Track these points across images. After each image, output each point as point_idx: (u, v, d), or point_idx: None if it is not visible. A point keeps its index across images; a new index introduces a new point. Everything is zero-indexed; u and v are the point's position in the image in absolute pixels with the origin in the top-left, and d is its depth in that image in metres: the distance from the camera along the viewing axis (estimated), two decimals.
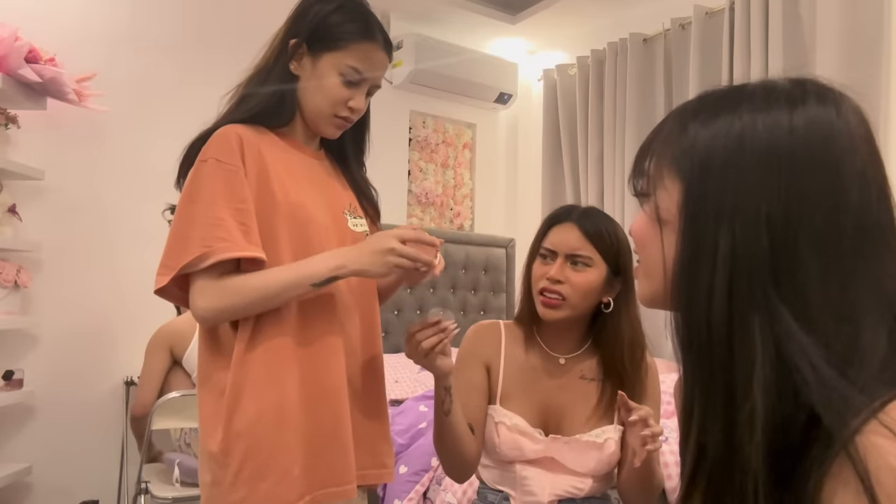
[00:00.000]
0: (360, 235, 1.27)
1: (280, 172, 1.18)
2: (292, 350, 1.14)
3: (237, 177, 1.12)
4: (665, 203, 0.61)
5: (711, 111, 0.59)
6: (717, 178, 0.57)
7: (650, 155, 0.63)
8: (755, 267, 0.54)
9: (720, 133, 0.57)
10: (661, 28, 3.13)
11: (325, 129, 1.25)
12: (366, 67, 1.21)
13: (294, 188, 1.19)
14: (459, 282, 3.57)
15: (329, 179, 1.30)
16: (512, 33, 3.72)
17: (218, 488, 1.10)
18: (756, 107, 0.57)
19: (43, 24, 2.55)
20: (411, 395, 2.66)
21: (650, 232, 0.62)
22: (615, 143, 3.34)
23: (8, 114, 2.37)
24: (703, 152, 0.58)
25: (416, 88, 3.58)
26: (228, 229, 1.10)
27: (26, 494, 2.54)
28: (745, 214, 0.55)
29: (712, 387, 0.56)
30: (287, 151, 1.23)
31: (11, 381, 2.36)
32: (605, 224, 1.30)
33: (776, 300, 0.53)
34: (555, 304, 1.27)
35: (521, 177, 4.09)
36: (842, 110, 0.56)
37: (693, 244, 0.58)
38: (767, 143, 0.55)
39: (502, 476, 1.33)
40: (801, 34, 2.56)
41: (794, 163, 0.55)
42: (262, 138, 1.19)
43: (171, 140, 2.90)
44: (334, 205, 1.26)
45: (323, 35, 1.20)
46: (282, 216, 1.16)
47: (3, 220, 2.37)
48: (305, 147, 1.28)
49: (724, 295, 0.55)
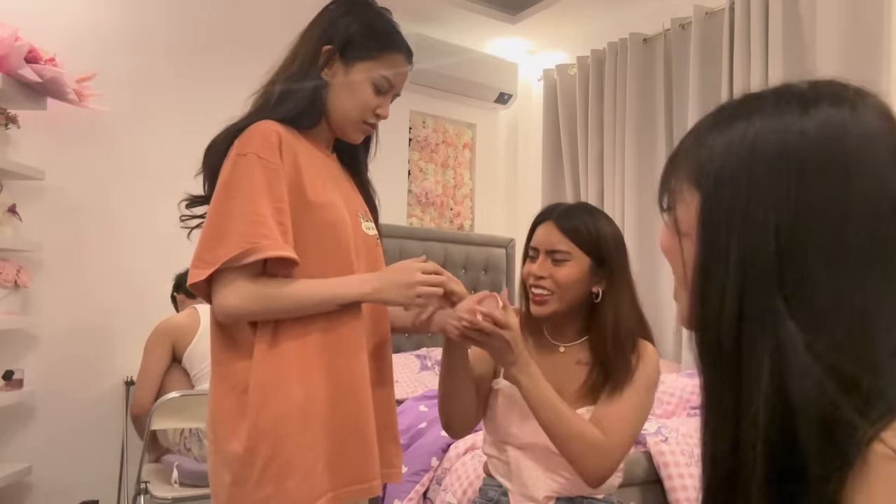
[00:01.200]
0: (371, 239, 1.31)
1: (311, 173, 1.20)
2: (316, 346, 1.16)
3: (277, 175, 1.13)
4: (683, 215, 0.61)
5: (727, 121, 0.59)
6: (730, 187, 0.56)
7: (673, 170, 0.63)
8: (763, 277, 0.54)
9: (734, 141, 0.57)
10: (661, 28, 3.13)
11: (351, 134, 1.29)
12: (395, 77, 1.28)
13: (323, 189, 1.21)
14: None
15: (344, 182, 1.33)
16: (512, 33, 3.72)
17: (241, 488, 1.09)
18: (768, 112, 0.57)
19: (43, 24, 2.55)
20: (411, 395, 2.66)
21: (671, 245, 0.63)
22: (615, 143, 3.34)
23: (8, 114, 2.37)
24: (718, 162, 0.58)
25: (416, 88, 3.58)
26: (270, 227, 1.10)
27: (26, 494, 2.54)
28: (755, 222, 0.54)
29: (722, 400, 0.56)
30: (313, 153, 1.26)
31: (11, 381, 2.36)
32: (583, 219, 1.35)
33: (783, 312, 0.53)
34: (543, 300, 1.34)
35: (521, 177, 4.09)
36: (858, 110, 0.55)
37: (706, 254, 0.58)
38: (777, 149, 0.54)
39: (501, 464, 1.37)
40: (801, 34, 2.56)
41: (804, 168, 0.53)
42: (296, 138, 1.22)
43: (171, 140, 2.92)
44: (350, 207, 1.28)
45: (358, 44, 1.25)
46: (312, 217, 1.18)
47: (3, 220, 2.37)
48: (327, 148, 1.32)
49: (734, 306, 0.55)
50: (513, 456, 1.34)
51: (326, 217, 1.19)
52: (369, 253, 1.30)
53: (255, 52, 1.29)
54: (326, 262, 1.19)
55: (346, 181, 1.34)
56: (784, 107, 0.56)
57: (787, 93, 0.58)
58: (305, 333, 1.15)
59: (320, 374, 1.15)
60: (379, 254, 1.34)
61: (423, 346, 3.36)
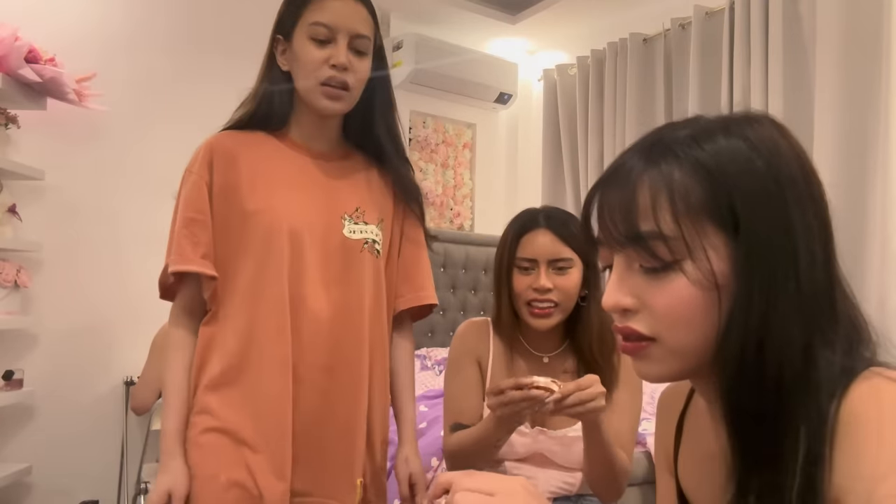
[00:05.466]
0: (353, 244, 1.19)
1: (257, 179, 1.16)
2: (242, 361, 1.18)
3: (197, 187, 1.15)
4: (717, 264, 0.54)
5: (707, 138, 0.57)
6: (768, 217, 0.54)
7: (665, 212, 0.56)
8: (818, 314, 0.53)
9: (757, 170, 0.55)
10: (661, 28, 3.13)
11: (320, 104, 1.16)
12: (329, 18, 1.13)
13: (266, 194, 1.16)
14: (459, 282, 3.57)
15: (334, 181, 1.23)
16: (512, 33, 3.72)
17: None
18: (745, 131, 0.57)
19: (43, 24, 2.55)
20: None
21: (700, 303, 0.55)
22: (615, 143, 3.34)
23: (8, 114, 2.37)
24: (747, 189, 0.54)
25: (416, 88, 3.58)
26: (180, 242, 1.14)
27: (26, 494, 2.53)
28: (804, 250, 0.53)
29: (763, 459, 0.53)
30: (279, 153, 1.20)
31: (11, 381, 2.36)
32: (571, 221, 1.32)
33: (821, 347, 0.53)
34: (548, 313, 1.27)
35: (521, 177, 4.09)
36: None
37: (763, 300, 0.53)
38: (803, 170, 0.56)
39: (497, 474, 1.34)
40: (801, 34, 2.56)
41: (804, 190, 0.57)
42: (248, 142, 1.19)
43: (170, 140, 2.92)
44: (332, 209, 1.19)
45: (288, 13, 1.18)
46: (248, 225, 1.14)
47: (3, 220, 2.37)
48: (308, 146, 1.23)
49: (799, 360, 0.52)
50: (510, 466, 1.32)
51: (260, 224, 1.14)
52: (347, 259, 1.19)
53: (255, 52, 1.28)
54: (262, 272, 1.13)
55: (342, 180, 1.23)
56: (732, 125, 0.58)
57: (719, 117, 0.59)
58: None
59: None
60: (363, 260, 1.20)
61: (423, 346, 3.36)
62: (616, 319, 0.60)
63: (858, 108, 2.35)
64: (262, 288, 1.13)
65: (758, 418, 0.53)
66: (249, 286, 1.13)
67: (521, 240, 1.31)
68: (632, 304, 0.58)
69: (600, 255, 0.63)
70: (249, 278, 1.13)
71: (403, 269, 1.30)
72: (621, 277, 0.59)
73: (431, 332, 3.47)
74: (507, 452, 1.31)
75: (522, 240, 1.31)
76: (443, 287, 3.52)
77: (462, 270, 3.57)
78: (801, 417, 0.51)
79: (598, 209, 0.61)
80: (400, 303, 1.29)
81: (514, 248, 1.31)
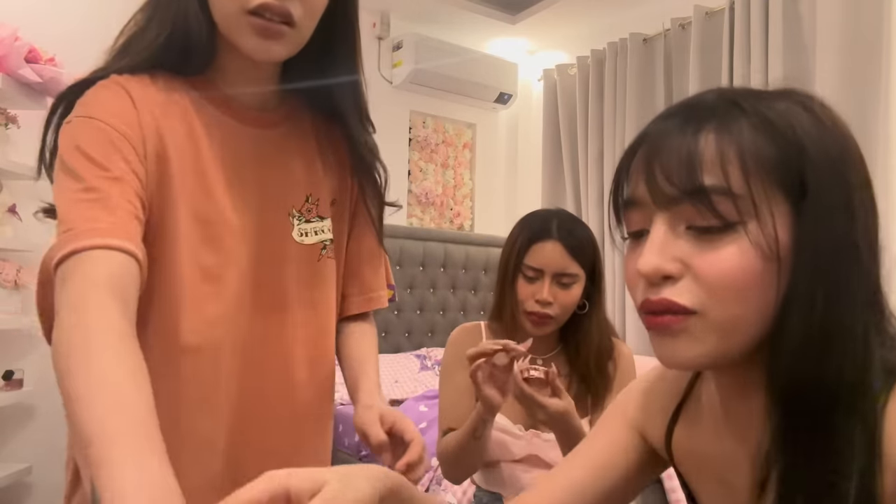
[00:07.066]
0: (308, 250, 0.89)
1: (183, 150, 0.81)
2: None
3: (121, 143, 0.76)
4: (781, 233, 0.50)
5: (761, 105, 0.53)
6: (834, 193, 0.50)
7: (734, 168, 0.50)
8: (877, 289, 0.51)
9: (825, 133, 0.52)
10: (661, 28, 3.13)
11: (248, 44, 0.80)
12: None
13: (199, 178, 0.81)
14: (459, 282, 3.57)
15: (275, 161, 0.88)
16: (512, 33, 3.72)
17: None
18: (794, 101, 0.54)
19: (43, 24, 2.55)
20: (411, 395, 2.66)
21: (758, 273, 0.49)
22: (615, 143, 3.34)
23: (8, 114, 2.37)
24: (816, 160, 0.50)
25: (416, 88, 3.58)
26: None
27: (26, 494, 2.53)
28: (862, 235, 0.51)
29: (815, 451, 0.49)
30: (204, 113, 0.84)
31: (11, 381, 2.36)
32: (582, 233, 1.29)
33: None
34: (545, 322, 1.27)
35: (521, 177, 4.09)
36: None
37: (832, 271, 0.49)
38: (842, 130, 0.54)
39: (493, 477, 1.35)
40: (801, 34, 2.56)
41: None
42: (168, 106, 0.81)
43: None
44: (277, 204, 0.87)
45: None
46: (178, 213, 0.80)
47: (3, 220, 2.37)
48: (242, 107, 0.87)
49: (861, 338, 0.49)
50: (506, 468, 1.32)
51: (198, 216, 0.82)
52: (304, 272, 0.89)
53: None
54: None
55: (290, 156, 0.89)
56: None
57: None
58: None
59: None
60: (324, 272, 0.92)
61: (423, 346, 3.36)
62: (646, 292, 0.53)
63: (858, 108, 2.35)
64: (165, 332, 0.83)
65: (813, 413, 0.49)
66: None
67: (532, 247, 1.28)
68: (675, 270, 0.51)
69: (630, 219, 0.56)
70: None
71: (351, 261, 0.99)
72: (663, 241, 0.52)
73: (431, 332, 3.47)
74: (503, 454, 1.32)
75: (533, 248, 1.28)
76: (443, 287, 3.52)
77: (462, 270, 3.57)
78: (858, 414, 0.48)
79: (644, 162, 0.54)
80: (347, 305, 1.00)
81: (522, 254, 1.28)
